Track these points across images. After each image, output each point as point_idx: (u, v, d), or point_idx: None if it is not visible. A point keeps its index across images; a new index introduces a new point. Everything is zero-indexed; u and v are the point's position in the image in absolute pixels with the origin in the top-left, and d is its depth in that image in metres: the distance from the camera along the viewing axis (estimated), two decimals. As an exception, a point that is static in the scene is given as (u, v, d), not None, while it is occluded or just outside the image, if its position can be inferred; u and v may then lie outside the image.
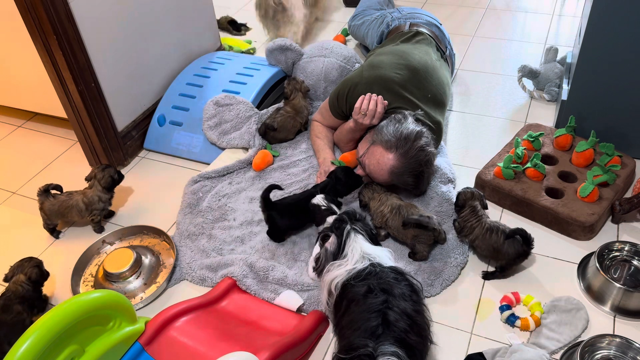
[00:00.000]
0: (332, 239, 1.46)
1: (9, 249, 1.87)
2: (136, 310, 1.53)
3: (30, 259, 1.64)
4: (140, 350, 1.43)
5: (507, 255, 1.57)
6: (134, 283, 1.68)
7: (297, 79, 2.19)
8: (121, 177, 1.91)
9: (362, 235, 1.44)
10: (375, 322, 1.23)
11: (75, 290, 1.68)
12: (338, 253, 1.44)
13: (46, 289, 1.70)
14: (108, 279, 1.69)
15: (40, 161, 2.24)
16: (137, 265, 1.70)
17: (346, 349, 1.22)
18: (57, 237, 1.89)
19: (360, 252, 1.40)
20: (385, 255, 1.42)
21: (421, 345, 1.27)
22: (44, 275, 1.63)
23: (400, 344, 1.20)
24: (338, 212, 1.65)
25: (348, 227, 1.45)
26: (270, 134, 2.13)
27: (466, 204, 1.66)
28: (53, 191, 1.85)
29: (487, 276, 1.63)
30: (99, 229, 1.89)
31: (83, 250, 1.77)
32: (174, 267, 1.72)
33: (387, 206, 1.69)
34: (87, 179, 1.87)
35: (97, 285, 1.69)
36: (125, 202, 2.00)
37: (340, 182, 1.77)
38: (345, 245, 1.43)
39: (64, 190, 1.86)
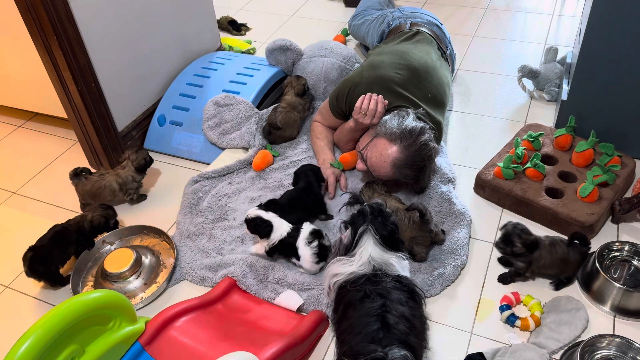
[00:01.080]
0: (347, 233, 1.43)
1: (9, 249, 1.87)
2: (136, 310, 1.53)
3: (107, 207, 1.79)
4: (140, 350, 1.43)
5: (575, 263, 1.56)
6: (134, 283, 1.69)
7: (298, 77, 2.19)
8: (152, 161, 2.00)
9: (376, 238, 1.38)
10: (375, 326, 1.22)
11: (75, 290, 1.68)
12: (350, 248, 1.41)
13: (45, 289, 1.71)
14: (108, 279, 1.69)
15: (40, 161, 2.24)
16: (137, 265, 1.70)
17: (350, 354, 1.20)
18: None
19: (368, 257, 1.37)
20: (396, 263, 1.38)
21: (420, 347, 1.27)
22: (107, 227, 1.79)
23: (405, 345, 1.20)
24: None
25: (364, 226, 1.40)
26: (276, 134, 2.13)
27: (514, 238, 1.55)
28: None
29: (505, 280, 1.61)
30: (137, 202, 2.00)
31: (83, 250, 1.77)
32: (174, 267, 1.72)
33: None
34: (121, 160, 1.97)
35: (97, 285, 1.70)
36: (126, 202, 2.00)
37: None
38: (357, 244, 1.40)
39: (93, 172, 1.95)
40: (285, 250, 1.64)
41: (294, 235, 1.62)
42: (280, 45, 2.26)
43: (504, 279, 1.61)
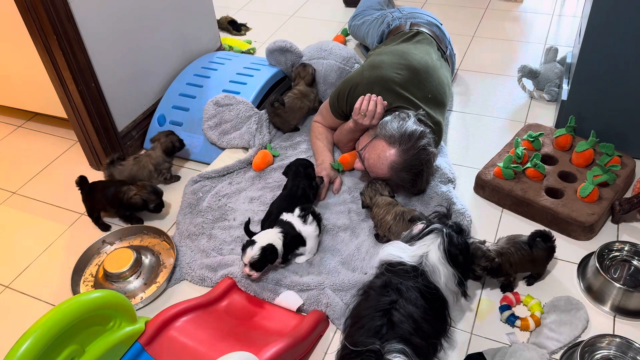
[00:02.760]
0: (421, 226, 1.41)
1: (9, 249, 1.87)
2: (136, 310, 1.53)
3: (153, 191, 1.84)
4: (140, 350, 1.43)
5: (542, 260, 1.56)
6: (134, 283, 1.68)
7: (305, 65, 2.20)
8: (182, 145, 2.05)
9: (442, 241, 1.33)
10: (380, 321, 1.22)
11: (75, 290, 1.68)
12: (415, 238, 1.38)
13: (45, 289, 1.71)
14: (108, 279, 1.69)
15: (40, 161, 2.24)
16: (137, 265, 1.70)
17: (351, 344, 1.22)
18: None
19: (423, 253, 1.33)
20: (444, 275, 1.32)
21: (425, 349, 1.26)
22: (146, 208, 1.84)
23: (406, 342, 1.20)
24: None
25: (438, 226, 1.36)
26: (280, 112, 2.13)
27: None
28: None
29: (505, 288, 1.59)
30: (171, 181, 2.06)
31: (83, 250, 1.77)
32: (174, 267, 1.72)
33: (391, 214, 1.66)
34: (152, 140, 2.03)
35: (97, 285, 1.69)
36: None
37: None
38: (422, 238, 1.36)
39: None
40: (295, 243, 1.64)
41: (290, 231, 1.62)
42: (280, 46, 2.26)
43: (505, 288, 1.60)
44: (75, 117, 2.03)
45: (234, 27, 3.03)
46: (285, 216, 1.65)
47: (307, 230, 1.64)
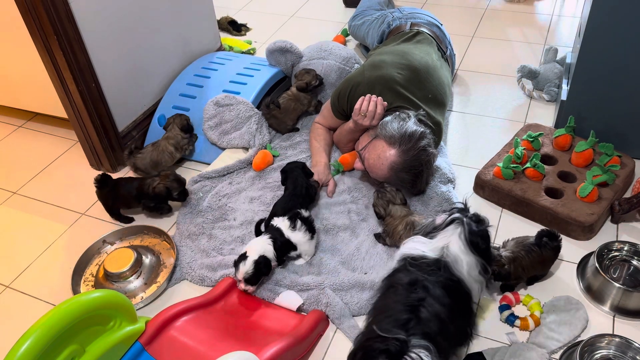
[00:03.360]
0: (443, 216, 1.40)
1: (9, 249, 1.87)
2: (136, 310, 1.53)
3: (175, 179, 1.86)
4: (140, 349, 1.43)
5: (550, 260, 1.57)
6: (135, 283, 1.69)
7: (308, 71, 2.19)
8: (192, 127, 2.13)
9: (463, 230, 1.33)
10: (407, 315, 1.22)
11: (75, 290, 1.68)
12: (436, 230, 1.37)
13: (46, 289, 1.71)
14: (108, 278, 1.69)
15: (40, 161, 2.24)
16: (137, 265, 1.70)
17: (377, 329, 1.21)
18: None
19: (445, 245, 1.32)
20: (466, 265, 1.31)
21: (446, 350, 1.26)
22: (170, 197, 1.86)
23: (430, 340, 1.19)
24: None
25: (458, 215, 1.36)
26: (274, 112, 2.14)
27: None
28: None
29: (506, 288, 1.59)
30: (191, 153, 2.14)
31: (83, 250, 1.78)
32: (174, 267, 1.72)
33: (402, 223, 1.65)
34: (166, 125, 2.09)
35: (97, 285, 1.70)
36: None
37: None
38: (443, 229, 1.36)
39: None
40: (285, 249, 1.63)
41: (279, 237, 1.61)
42: (280, 46, 2.26)
43: (505, 288, 1.59)
44: (75, 117, 2.03)
45: (234, 27, 3.03)
46: (275, 221, 1.65)
47: (297, 236, 1.62)
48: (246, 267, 1.54)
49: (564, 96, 2.03)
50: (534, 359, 1.37)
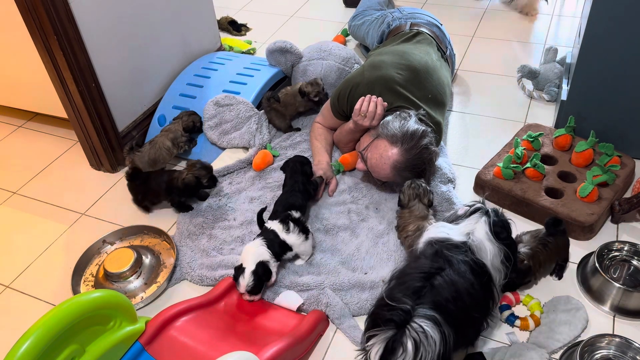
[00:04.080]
0: (465, 208, 1.44)
1: (9, 249, 1.87)
2: (136, 310, 1.53)
3: (202, 167, 1.86)
4: (140, 349, 1.43)
5: (565, 245, 1.60)
6: (135, 283, 1.69)
7: (317, 88, 2.15)
8: (201, 129, 2.12)
9: (487, 219, 1.36)
10: (421, 283, 1.23)
11: (75, 290, 1.68)
12: (460, 218, 1.41)
13: (46, 289, 1.71)
14: (108, 278, 1.69)
15: (40, 161, 2.24)
16: (137, 265, 1.70)
17: (387, 297, 1.24)
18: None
19: (470, 230, 1.35)
20: (490, 252, 1.34)
21: (461, 320, 1.25)
22: (200, 186, 1.86)
23: (439, 309, 1.20)
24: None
25: (481, 206, 1.41)
26: (274, 105, 2.16)
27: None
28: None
29: (513, 286, 1.58)
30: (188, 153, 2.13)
31: (83, 250, 1.78)
32: (174, 267, 1.72)
33: (415, 224, 1.62)
34: (175, 119, 2.09)
35: (97, 285, 1.70)
36: (126, 202, 2.00)
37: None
38: (468, 218, 1.39)
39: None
40: (282, 249, 1.63)
41: (274, 238, 1.60)
42: (280, 46, 2.26)
43: (513, 285, 1.58)
44: (75, 117, 2.03)
45: (234, 27, 3.03)
46: (269, 224, 1.64)
47: (291, 238, 1.62)
48: (246, 279, 1.53)
49: (564, 96, 2.03)
50: (534, 359, 1.37)
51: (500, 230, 1.37)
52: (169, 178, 1.85)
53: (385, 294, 1.26)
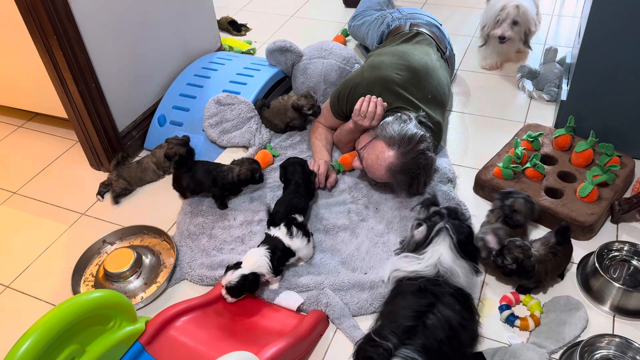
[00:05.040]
0: (422, 229, 1.37)
1: (9, 249, 1.87)
2: (136, 310, 1.53)
3: (254, 161, 1.92)
4: (140, 349, 1.43)
5: (570, 252, 1.61)
6: (135, 283, 1.69)
7: (311, 96, 2.12)
8: (181, 159, 1.94)
9: (452, 240, 1.32)
10: (413, 322, 1.19)
11: (75, 290, 1.68)
12: (422, 245, 1.35)
13: (46, 289, 1.71)
14: (108, 278, 1.69)
15: (40, 161, 2.24)
16: (137, 265, 1.70)
17: (373, 334, 1.20)
18: (102, 198, 2.02)
19: (437, 259, 1.30)
20: (462, 274, 1.31)
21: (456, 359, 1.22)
22: (253, 180, 1.91)
23: (427, 353, 1.15)
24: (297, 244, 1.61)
25: (441, 224, 1.34)
26: (262, 112, 2.17)
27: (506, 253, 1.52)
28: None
29: (523, 290, 1.57)
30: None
31: (83, 250, 1.78)
32: (174, 267, 1.72)
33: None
34: (163, 144, 2.05)
35: (97, 285, 1.70)
36: (126, 202, 2.01)
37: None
38: (431, 243, 1.33)
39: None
40: (284, 258, 1.61)
41: (278, 245, 1.59)
42: (280, 46, 2.26)
43: (523, 290, 1.58)
44: (75, 117, 2.03)
45: (234, 27, 3.03)
46: (273, 231, 1.63)
47: (295, 243, 1.61)
48: (233, 277, 1.52)
49: (564, 96, 2.03)
50: (534, 359, 1.37)
51: (466, 244, 1.33)
52: (218, 171, 1.88)
53: (373, 330, 1.23)
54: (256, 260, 1.55)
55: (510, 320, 1.49)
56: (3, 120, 2.49)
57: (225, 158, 2.10)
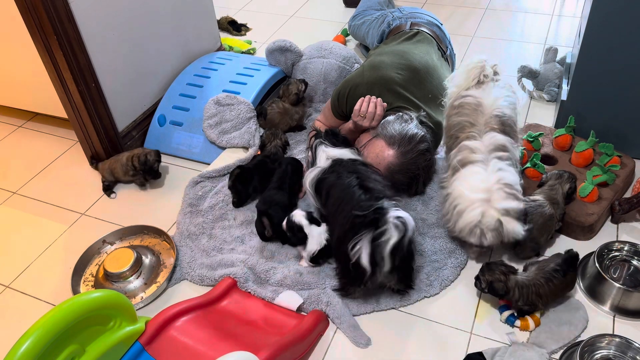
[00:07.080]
0: (309, 153, 1.79)
1: (9, 249, 1.87)
2: (136, 310, 1.53)
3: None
4: (140, 349, 1.43)
5: (573, 282, 1.52)
6: (135, 283, 1.69)
7: (289, 85, 2.15)
8: (151, 168, 2.01)
9: (326, 144, 1.73)
10: (359, 192, 1.48)
11: (75, 290, 1.68)
12: (314, 161, 1.73)
13: (46, 289, 1.71)
14: (108, 278, 1.69)
15: (40, 161, 2.24)
16: (137, 265, 1.70)
17: (350, 216, 1.43)
18: (109, 196, 2.04)
19: (325, 156, 1.69)
20: (348, 152, 1.70)
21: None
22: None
23: (387, 198, 1.45)
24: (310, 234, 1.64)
25: (316, 142, 1.76)
26: (260, 122, 2.17)
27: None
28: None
29: (520, 312, 1.52)
30: (140, 184, 2.07)
31: (83, 250, 1.78)
32: (174, 267, 1.72)
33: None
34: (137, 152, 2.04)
35: (97, 285, 1.70)
36: (126, 202, 2.01)
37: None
38: (316, 156, 1.73)
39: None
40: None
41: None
42: (280, 46, 2.26)
43: (520, 312, 1.52)
44: (75, 117, 2.03)
45: (234, 27, 3.03)
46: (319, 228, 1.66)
47: (317, 230, 1.64)
48: (311, 251, 1.63)
49: (564, 96, 2.03)
50: (534, 359, 1.37)
51: (336, 140, 1.77)
52: (270, 157, 2.00)
53: (345, 218, 1.45)
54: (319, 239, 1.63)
55: (511, 320, 1.49)
56: (3, 120, 2.49)
57: (226, 158, 2.10)
